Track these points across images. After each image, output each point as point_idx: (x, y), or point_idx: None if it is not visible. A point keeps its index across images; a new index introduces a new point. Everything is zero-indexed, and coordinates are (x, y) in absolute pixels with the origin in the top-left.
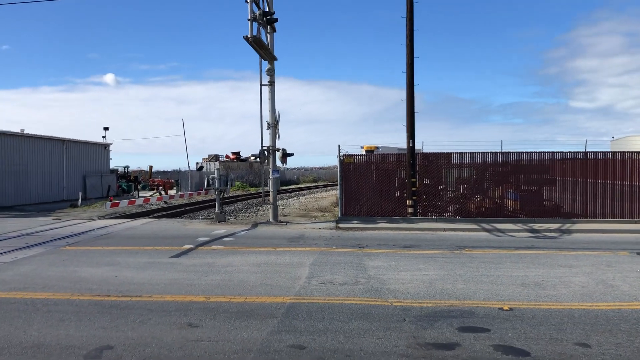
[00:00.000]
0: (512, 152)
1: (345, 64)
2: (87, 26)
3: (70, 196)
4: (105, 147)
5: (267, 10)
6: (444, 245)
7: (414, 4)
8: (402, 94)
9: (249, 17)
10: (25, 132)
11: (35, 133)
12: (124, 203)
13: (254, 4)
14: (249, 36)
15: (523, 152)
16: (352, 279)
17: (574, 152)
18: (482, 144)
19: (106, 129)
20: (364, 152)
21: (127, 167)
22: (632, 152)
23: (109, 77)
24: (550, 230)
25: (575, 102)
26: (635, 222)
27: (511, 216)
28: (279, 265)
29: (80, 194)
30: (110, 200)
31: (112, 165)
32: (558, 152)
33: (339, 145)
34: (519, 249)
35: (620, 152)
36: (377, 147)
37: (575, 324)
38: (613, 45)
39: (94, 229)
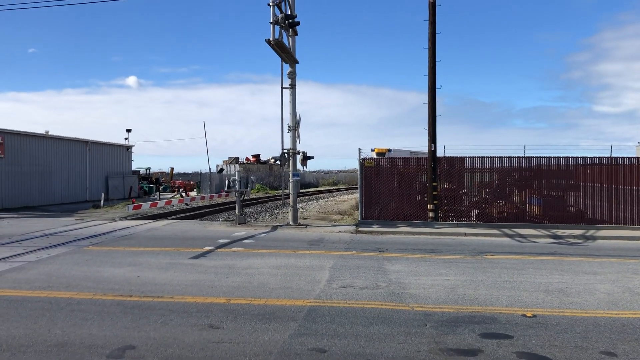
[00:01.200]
0: (535, 157)
1: (365, 67)
2: (110, 29)
3: (93, 197)
4: (128, 148)
5: (290, 13)
6: (465, 250)
7: (437, 7)
8: (422, 97)
9: (271, 21)
10: (49, 133)
11: (60, 134)
12: (146, 205)
13: (276, 7)
14: (271, 39)
15: (546, 157)
16: (373, 283)
17: (598, 157)
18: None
19: (129, 130)
20: (374, 155)
21: (149, 168)
22: None
23: (132, 80)
24: (574, 237)
25: (599, 107)
26: None
27: (533, 222)
28: (299, 268)
29: (103, 195)
30: (133, 202)
31: (134, 166)
32: (582, 157)
33: (360, 149)
34: (541, 255)
35: None
36: (389, 150)
37: (601, 332)
38: (638, 48)
39: (116, 230)
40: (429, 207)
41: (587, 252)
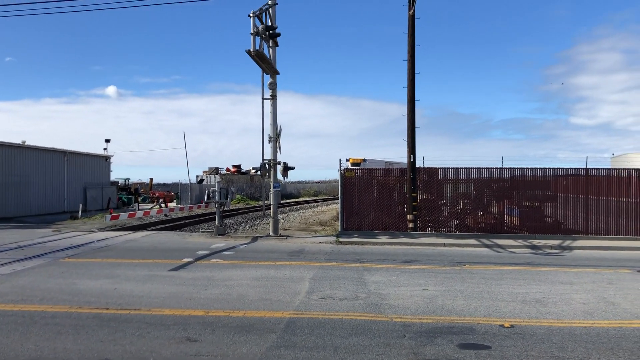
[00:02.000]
0: (513, 168)
1: (346, 78)
2: (90, 39)
3: (71, 208)
4: (107, 159)
5: (270, 24)
6: (445, 261)
7: (416, 20)
8: (402, 109)
9: (252, 32)
10: (26, 143)
11: (37, 144)
12: (124, 216)
13: (256, 19)
14: (251, 50)
15: (524, 168)
16: (352, 294)
17: (575, 169)
18: (483, 159)
19: (107, 141)
20: (349, 165)
21: (128, 179)
22: (633, 169)
23: (111, 90)
24: (551, 247)
25: (576, 119)
26: (636, 240)
27: (511, 232)
28: (279, 279)
29: (81, 206)
30: (111, 213)
31: (112, 177)
32: (559, 168)
33: (340, 159)
34: (519, 265)
35: (622, 168)
36: (364, 160)
37: (577, 342)
38: (613, 62)
39: (93, 241)
40: (408, 217)
41: (563, 262)
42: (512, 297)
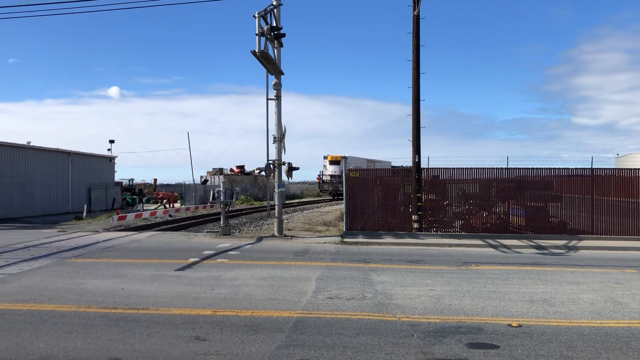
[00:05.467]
0: (518, 168)
1: (348, 78)
2: (92, 40)
3: (75, 208)
4: (111, 159)
5: (275, 25)
6: (450, 261)
7: (421, 20)
8: (405, 109)
9: (257, 32)
10: (31, 144)
11: (42, 145)
12: (131, 216)
13: (261, 19)
14: (256, 51)
15: (528, 168)
16: (359, 293)
17: (580, 169)
18: (487, 159)
19: (112, 141)
20: (327, 163)
21: (132, 179)
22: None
23: (114, 91)
24: (557, 247)
25: (579, 119)
26: None
27: (517, 232)
28: (285, 279)
29: (85, 207)
30: (118, 213)
31: (116, 178)
32: (564, 168)
33: (345, 158)
34: (525, 265)
35: (628, 168)
36: (345, 157)
37: (586, 342)
38: (616, 62)
39: (99, 242)
40: (413, 218)
41: (570, 262)
42: (520, 297)
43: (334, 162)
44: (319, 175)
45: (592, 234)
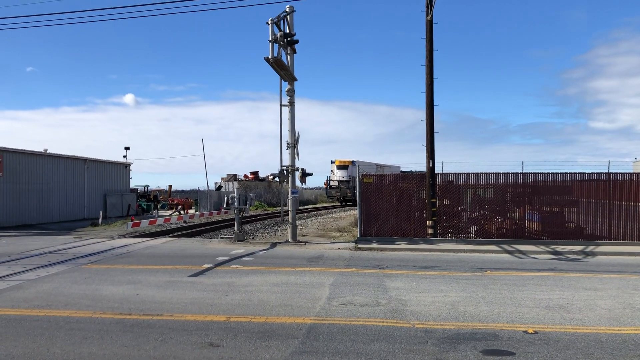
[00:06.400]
0: (533, 173)
1: (361, 84)
2: (107, 48)
3: (91, 215)
4: (126, 166)
5: (288, 31)
6: (465, 267)
7: (434, 25)
8: (419, 114)
9: (270, 39)
10: (48, 151)
11: (58, 152)
12: (145, 223)
13: (275, 26)
14: (270, 57)
15: (544, 173)
16: (373, 300)
17: (597, 173)
18: (502, 164)
19: (127, 148)
20: (335, 168)
21: (147, 186)
22: None
23: (129, 98)
24: (574, 253)
25: (595, 123)
26: None
27: (532, 238)
28: (299, 285)
29: (101, 213)
30: (132, 220)
31: (132, 184)
32: (580, 172)
33: (359, 166)
34: (541, 271)
35: None
36: (353, 162)
37: (603, 349)
38: (632, 65)
39: (114, 248)
40: (428, 223)
41: (587, 268)
42: (535, 303)
43: (342, 166)
44: (326, 181)
45: (610, 239)
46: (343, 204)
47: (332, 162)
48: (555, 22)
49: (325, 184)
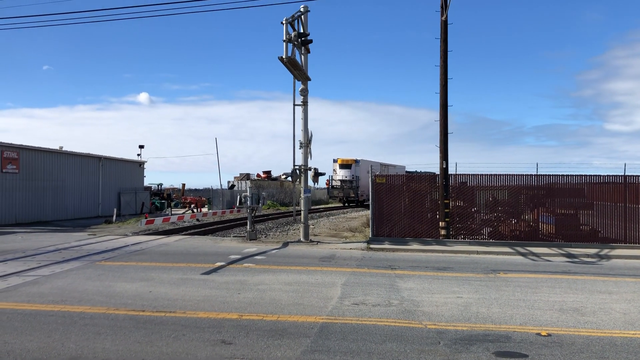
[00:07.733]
0: (548, 175)
1: (374, 84)
2: (121, 47)
3: (105, 212)
4: (140, 164)
5: (302, 31)
6: (478, 269)
7: (448, 25)
8: (432, 115)
9: (284, 39)
10: (63, 149)
11: (73, 150)
12: (158, 220)
13: (289, 25)
14: (284, 57)
15: (558, 175)
16: (385, 300)
17: (612, 176)
18: (516, 166)
19: (141, 147)
20: (337, 166)
21: (161, 184)
22: None
23: (143, 97)
24: (588, 255)
25: (611, 125)
26: None
27: (546, 240)
28: (311, 284)
29: (115, 211)
30: (146, 218)
31: (145, 182)
32: (595, 175)
33: (371, 166)
34: (555, 273)
35: None
36: (356, 161)
37: (618, 353)
38: None
39: (128, 245)
40: (440, 224)
41: (601, 271)
42: (549, 306)
43: (345, 165)
44: (327, 180)
45: (625, 242)
46: (346, 205)
47: (335, 161)
48: (571, 23)
49: (327, 184)
